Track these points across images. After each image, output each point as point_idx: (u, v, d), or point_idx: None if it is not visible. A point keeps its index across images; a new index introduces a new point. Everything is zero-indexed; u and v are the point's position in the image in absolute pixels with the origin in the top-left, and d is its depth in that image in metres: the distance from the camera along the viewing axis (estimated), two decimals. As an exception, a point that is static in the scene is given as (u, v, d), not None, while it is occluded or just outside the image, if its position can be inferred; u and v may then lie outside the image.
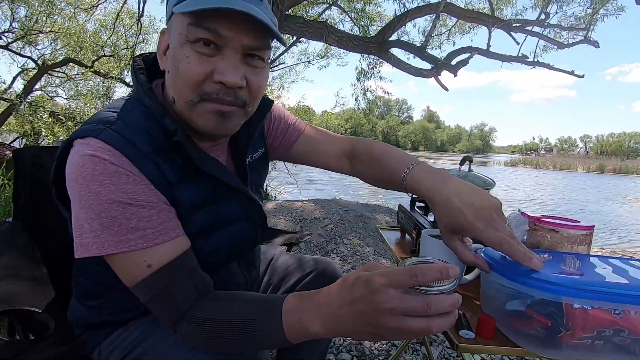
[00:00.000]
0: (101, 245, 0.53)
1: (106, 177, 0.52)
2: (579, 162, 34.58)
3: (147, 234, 0.54)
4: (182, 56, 0.55)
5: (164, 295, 0.55)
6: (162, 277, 0.54)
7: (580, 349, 0.54)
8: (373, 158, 0.78)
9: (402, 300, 0.43)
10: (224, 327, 0.54)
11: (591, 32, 4.87)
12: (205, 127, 0.58)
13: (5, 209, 2.20)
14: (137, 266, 0.54)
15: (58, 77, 7.38)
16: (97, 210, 0.52)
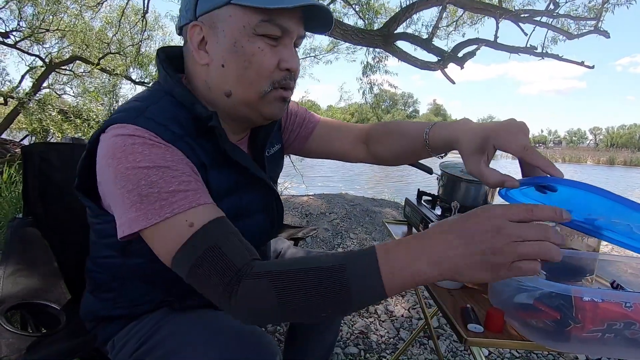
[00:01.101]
0: (145, 217, 0.51)
1: (145, 148, 0.53)
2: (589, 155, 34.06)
3: (188, 195, 0.52)
4: (255, 49, 0.57)
5: (212, 253, 0.50)
6: (207, 235, 0.51)
7: (590, 342, 0.53)
8: (390, 131, 0.78)
9: (519, 227, 0.42)
10: (306, 276, 0.47)
11: (601, 22, 4.76)
12: (272, 113, 0.62)
13: (15, 205, 2.24)
14: (179, 228, 0.51)
15: (65, 75, 7.44)
16: (135, 180, 0.51)
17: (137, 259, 0.65)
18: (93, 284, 0.71)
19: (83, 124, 5.84)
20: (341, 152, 0.84)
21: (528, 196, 0.64)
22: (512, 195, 0.63)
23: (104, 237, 0.66)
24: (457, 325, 0.60)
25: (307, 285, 0.47)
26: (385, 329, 1.71)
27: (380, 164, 0.83)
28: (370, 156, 0.82)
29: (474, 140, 0.58)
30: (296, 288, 0.47)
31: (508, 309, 0.60)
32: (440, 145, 0.68)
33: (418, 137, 0.70)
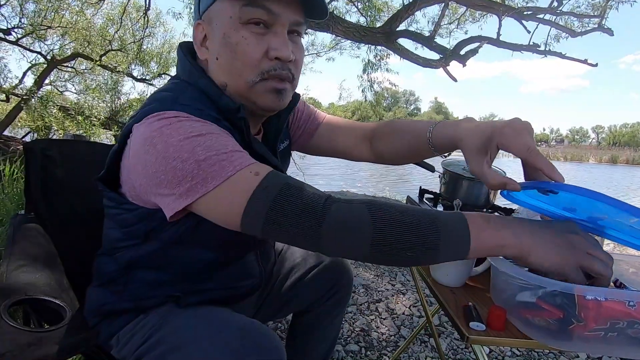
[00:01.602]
0: (204, 182, 0.50)
1: (193, 122, 0.53)
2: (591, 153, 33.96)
3: (244, 155, 0.52)
4: (239, 39, 0.57)
5: (289, 190, 0.49)
6: (278, 177, 0.50)
7: (592, 341, 0.53)
8: (394, 130, 0.78)
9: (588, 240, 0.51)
10: (401, 210, 0.48)
11: (605, 19, 4.74)
12: (264, 104, 0.61)
13: (18, 201, 2.25)
14: (245, 179, 0.50)
15: (67, 72, 7.45)
16: (190, 147, 0.50)
17: (153, 245, 0.65)
18: (102, 277, 0.71)
19: (85, 121, 5.84)
20: (345, 150, 0.84)
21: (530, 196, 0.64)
22: (515, 195, 0.63)
23: (125, 227, 0.66)
24: (459, 324, 0.60)
25: (401, 217, 0.48)
26: (386, 327, 1.71)
27: (383, 163, 0.83)
28: (373, 155, 0.82)
29: (477, 140, 0.58)
30: (390, 217, 0.48)
31: (510, 307, 0.60)
32: (444, 144, 0.67)
33: (421, 136, 0.70)
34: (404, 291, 2.05)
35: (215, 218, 0.53)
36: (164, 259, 0.66)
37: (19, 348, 0.55)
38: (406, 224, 0.47)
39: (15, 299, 0.66)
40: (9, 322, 0.59)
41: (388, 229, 0.47)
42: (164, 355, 0.61)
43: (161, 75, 7.74)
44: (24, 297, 0.67)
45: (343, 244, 0.49)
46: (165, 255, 0.66)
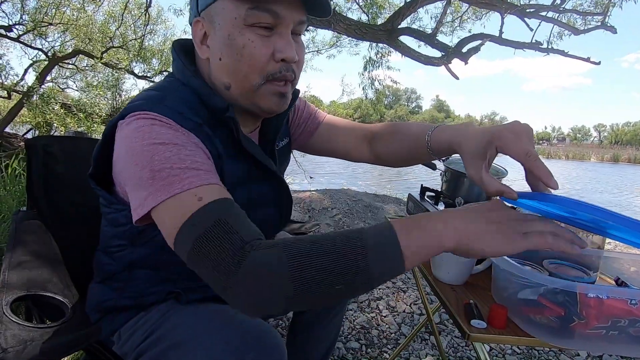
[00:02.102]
0: (154, 196, 0.50)
1: (164, 129, 0.53)
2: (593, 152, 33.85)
3: (200, 173, 0.51)
4: (245, 41, 0.56)
5: (219, 227, 0.47)
6: (215, 209, 0.48)
7: (594, 339, 0.53)
8: (394, 131, 0.78)
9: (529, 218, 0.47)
10: (323, 244, 0.44)
11: (608, 17, 4.71)
12: (268, 107, 0.61)
13: (20, 198, 2.25)
14: (187, 203, 0.49)
15: (68, 69, 7.45)
16: (149, 155, 0.51)
17: (145, 249, 0.66)
18: (102, 274, 0.72)
19: (86, 118, 5.85)
20: (344, 150, 0.84)
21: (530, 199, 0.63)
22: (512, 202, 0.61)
23: (116, 226, 0.67)
24: (461, 321, 0.60)
25: (321, 250, 0.44)
26: (386, 324, 1.71)
27: (382, 164, 0.83)
28: (372, 156, 0.82)
29: (476, 144, 0.57)
30: (311, 257, 0.44)
31: (512, 305, 0.60)
32: (442, 148, 0.66)
33: (420, 140, 0.69)
34: (405, 289, 2.05)
35: (162, 231, 0.51)
36: (160, 260, 0.66)
37: (21, 344, 0.55)
38: (326, 255, 0.44)
39: (17, 295, 0.66)
40: (11, 318, 0.59)
41: (307, 268, 0.43)
42: (165, 352, 0.61)
43: (162, 73, 7.73)
44: (25, 293, 0.67)
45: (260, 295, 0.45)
46: (161, 257, 0.66)
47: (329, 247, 0.44)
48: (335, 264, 0.44)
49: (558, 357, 1.54)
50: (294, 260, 0.44)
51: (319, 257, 0.44)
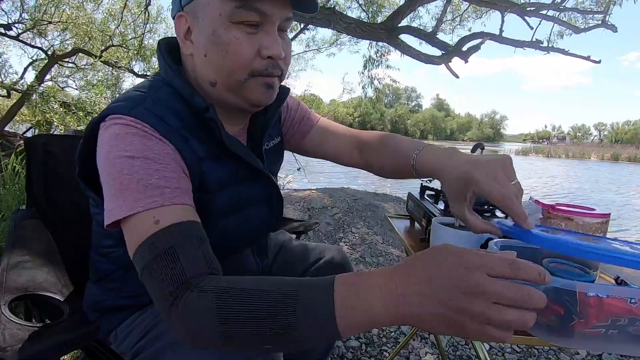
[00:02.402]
0: (120, 208, 0.51)
1: (136, 139, 0.53)
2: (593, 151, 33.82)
3: (165, 192, 0.51)
4: (231, 39, 0.56)
5: (167, 256, 0.47)
6: (169, 236, 0.49)
7: (593, 338, 0.53)
8: (383, 144, 0.78)
9: (499, 285, 0.37)
10: (254, 299, 0.43)
11: (609, 15, 4.70)
12: (256, 98, 0.61)
13: (19, 197, 2.25)
14: (144, 224, 0.49)
15: (68, 68, 7.44)
16: (119, 168, 0.51)
17: None
18: (97, 274, 0.71)
19: (86, 116, 5.84)
20: (335, 154, 0.84)
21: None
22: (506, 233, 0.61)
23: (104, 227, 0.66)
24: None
25: (253, 308, 0.43)
26: (386, 323, 1.72)
27: (372, 172, 0.83)
28: (363, 162, 0.82)
29: (456, 186, 0.58)
30: (242, 309, 0.43)
31: (511, 304, 0.60)
32: (425, 172, 0.68)
33: (406, 158, 0.70)
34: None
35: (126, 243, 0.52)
36: None
37: (20, 342, 0.55)
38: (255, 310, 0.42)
39: (16, 295, 0.66)
40: (10, 318, 0.59)
41: (236, 321, 0.43)
42: (161, 351, 0.61)
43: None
44: (24, 293, 0.67)
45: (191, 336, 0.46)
46: None
47: (259, 304, 0.43)
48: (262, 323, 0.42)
49: (557, 355, 1.54)
50: (223, 310, 0.43)
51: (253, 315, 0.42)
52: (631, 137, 78.06)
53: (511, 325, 0.38)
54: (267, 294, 0.43)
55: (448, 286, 0.38)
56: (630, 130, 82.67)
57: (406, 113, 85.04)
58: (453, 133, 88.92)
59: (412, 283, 0.40)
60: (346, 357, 1.46)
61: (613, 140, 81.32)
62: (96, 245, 0.71)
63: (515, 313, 0.38)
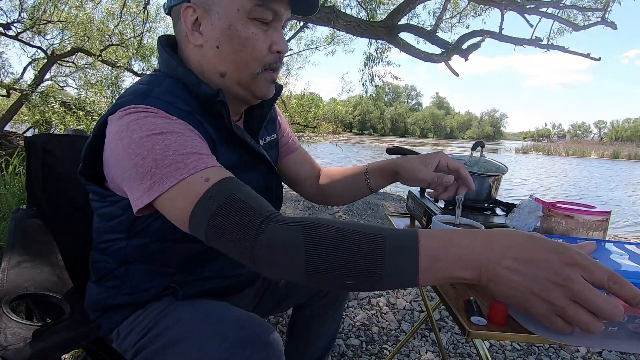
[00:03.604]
0: (161, 183, 0.50)
1: (158, 119, 0.54)
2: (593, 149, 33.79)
3: (202, 157, 0.53)
4: (249, 34, 0.60)
5: (233, 202, 0.48)
6: (225, 186, 0.50)
7: (593, 335, 0.53)
8: (336, 170, 0.91)
9: (588, 290, 0.38)
10: (343, 236, 0.44)
11: (608, 13, 4.69)
12: (263, 93, 0.66)
13: (20, 197, 2.25)
14: (195, 185, 0.50)
15: (67, 67, 7.43)
16: (149, 146, 0.51)
17: (141, 239, 0.66)
18: (98, 273, 0.72)
19: (86, 116, 5.84)
20: (301, 181, 0.91)
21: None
22: None
23: (109, 220, 0.67)
24: (460, 318, 0.60)
25: (339, 243, 0.43)
26: (386, 321, 1.72)
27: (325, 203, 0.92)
28: (318, 192, 0.91)
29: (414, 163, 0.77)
30: (327, 244, 0.44)
31: (511, 301, 0.60)
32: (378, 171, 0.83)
33: (360, 170, 0.85)
34: (405, 286, 2.06)
35: (170, 218, 0.53)
36: (155, 251, 0.66)
37: (21, 341, 0.55)
38: (343, 249, 0.43)
39: (16, 294, 0.66)
40: (11, 317, 0.59)
41: (323, 256, 0.43)
42: (162, 349, 0.61)
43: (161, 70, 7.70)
44: (25, 292, 0.67)
45: (276, 269, 0.47)
46: (156, 247, 0.66)
47: (348, 242, 0.43)
48: (351, 261, 0.43)
49: (558, 353, 1.54)
50: (311, 244, 0.44)
51: (336, 247, 0.43)
52: (631, 135, 78.01)
53: (580, 325, 0.40)
54: (355, 233, 0.44)
55: (543, 271, 0.39)
56: (630, 127, 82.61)
57: (406, 111, 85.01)
58: (453, 131, 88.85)
59: (509, 257, 0.41)
60: (347, 356, 1.46)
61: (613, 138, 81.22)
62: (97, 242, 0.72)
63: (589, 317, 0.39)
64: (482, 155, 1.01)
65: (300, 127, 7.48)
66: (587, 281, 0.39)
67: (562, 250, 0.40)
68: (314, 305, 0.97)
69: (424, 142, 47.08)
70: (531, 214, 0.78)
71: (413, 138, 69.44)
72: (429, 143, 40.96)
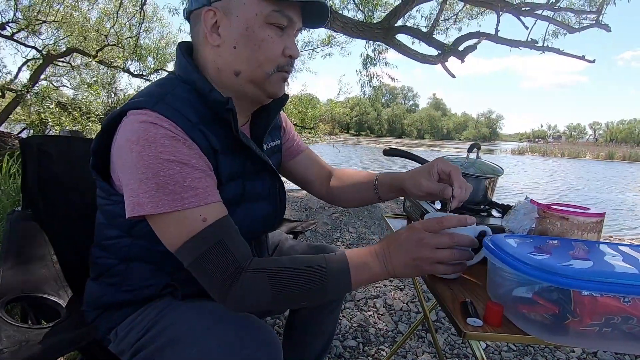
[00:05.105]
0: (155, 205, 0.56)
1: (167, 140, 0.58)
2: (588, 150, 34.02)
3: (198, 193, 0.58)
4: (265, 36, 0.65)
5: (219, 247, 0.57)
6: (217, 231, 0.58)
7: (588, 336, 0.54)
8: (348, 173, 0.94)
9: (434, 236, 0.60)
10: (298, 275, 0.58)
11: (602, 15, 4.73)
12: (275, 91, 0.70)
13: (15, 198, 2.23)
14: (193, 221, 0.57)
15: (63, 67, 7.39)
16: (155, 169, 0.56)
17: (142, 240, 0.67)
18: (98, 269, 0.72)
19: (82, 117, 5.81)
20: (310, 182, 0.94)
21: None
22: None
23: (113, 218, 0.68)
24: (457, 319, 0.60)
25: (297, 282, 0.58)
26: (383, 322, 1.72)
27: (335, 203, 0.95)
28: (328, 193, 0.94)
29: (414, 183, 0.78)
30: (289, 283, 0.58)
31: (507, 302, 0.60)
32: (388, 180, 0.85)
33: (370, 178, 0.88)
34: (402, 287, 2.06)
35: (159, 235, 0.60)
36: (155, 252, 0.67)
37: (17, 344, 0.55)
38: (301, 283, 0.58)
39: (12, 296, 0.65)
40: (6, 319, 0.59)
41: (285, 293, 0.58)
42: (161, 349, 0.61)
43: (158, 71, 7.69)
44: (20, 294, 0.67)
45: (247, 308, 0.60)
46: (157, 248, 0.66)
47: (303, 279, 0.59)
48: (306, 291, 0.59)
49: (554, 353, 1.55)
50: (277, 285, 0.58)
51: (295, 285, 0.59)
52: (626, 136, 78.68)
53: (451, 259, 0.61)
54: (306, 270, 0.60)
55: (409, 245, 0.61)
56: (625, 129, 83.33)
57: (403, 112, 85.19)
58: (449, 132, 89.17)
59: (394, 251, 0.62)
60: (344, 357, 1.46)
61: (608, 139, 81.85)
62: (99, 238, 0.72)
63: (449, 252, 0.60)
64: (478, 157, 1.02)
65: (297, 128, 7.48)
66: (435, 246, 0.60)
67: (418, 239, 0.61)
68: (311, 306, 0.97)
69: (420, 143, 47.20)
70: (526, 215, 0.78)
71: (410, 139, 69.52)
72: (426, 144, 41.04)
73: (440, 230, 0.61)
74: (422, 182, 0.76)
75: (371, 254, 0.62)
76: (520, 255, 0.57)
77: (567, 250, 0.63)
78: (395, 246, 0.62)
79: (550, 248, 0.64)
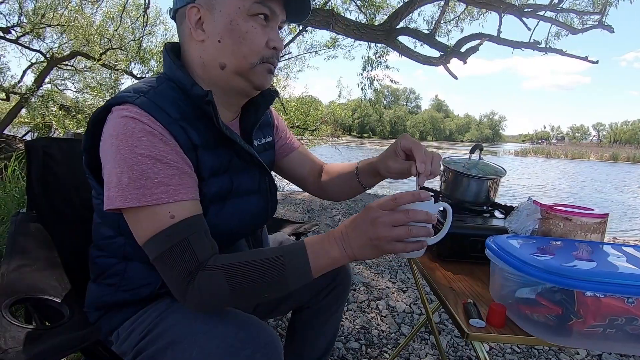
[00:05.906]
0: (124, 199, 0.57)
1: (143, 135, 0.58)
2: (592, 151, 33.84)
3: (169, 190, 0.58)
4: (249, 28, 0.65)
5: (183, 245, 0.57)
6: (183, 229, 0.58)
7: (591, 337, 0.53)
8: (335, 166, 0.94)
9: (388, 214, 0.58)
10: (254, 268, 0.58)
11: (605, 16, 4.72)
12: (261, 82, 0.70)
13: (19, 200, 2.25)
14: (161, 218, 0.58)
15: (67, 70, 7.44)
16: (129, 163, 0.57)
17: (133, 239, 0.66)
18: (97, 270, 0.72)
19: (86, 119, 5.84)
20: (304, 178, 0.95)
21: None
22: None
23: (105, 216, 0.69)
24: (460, 321, 0.60)
25: (254, 274, 0.58)
26: (386, 324, 1.72)
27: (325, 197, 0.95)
28: (318, 188, 0.94)
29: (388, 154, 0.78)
30: (246, 277, 0.57)
31: (510, 303, 0.60)
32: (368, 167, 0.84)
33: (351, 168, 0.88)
34: (405, 289, 2.06)
35: (131, 229, 0.60)
36: None
37: (21, 345, 0.55)
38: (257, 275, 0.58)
39: (16, 298, 0.66)
40: (11, 321, 0.59)
41: (244, 287, 0.58)
42: (162, 350, 0.61)
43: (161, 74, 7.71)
44: (24, 296, 0.67)
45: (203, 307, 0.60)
46: None
47: (260, 271, 0.58)
48: (264, 283, 0.58)
49: (558, 356, 1.54)
50: (232, 280, 0.57)
51: (252, 278, 0.58)
52: (629, 137, 78.20)
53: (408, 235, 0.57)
54: (262, 262, 0.59)
55: (365, 226, 0.59)
56: (629, 130, 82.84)
57: (405, 114, 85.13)
58: (452, 134, 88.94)
59: (351, 232, 0.60)
60: (346, 359, 1.46)
61: (612, 140, 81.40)
62: (96, 238, 0.73)
63: (405, 228, 0.57)
64: (480, 158, 1.02)
65: (299, 130, 7.49)
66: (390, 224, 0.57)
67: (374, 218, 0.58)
68: (313, 307, 0.97)
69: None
70: (529, 216, 0.78)
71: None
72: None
73: (395, 207, 0.58)
74: (389, 163, 0.76)
75: (329, 239, 0.61)
76: (523, 256, 0.57)
77: (571, 251, 0.63)
78: (352, 228, 0.60)
79: (554, 249, 0.64)
